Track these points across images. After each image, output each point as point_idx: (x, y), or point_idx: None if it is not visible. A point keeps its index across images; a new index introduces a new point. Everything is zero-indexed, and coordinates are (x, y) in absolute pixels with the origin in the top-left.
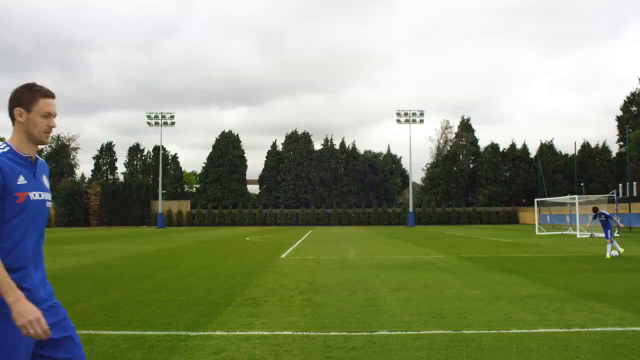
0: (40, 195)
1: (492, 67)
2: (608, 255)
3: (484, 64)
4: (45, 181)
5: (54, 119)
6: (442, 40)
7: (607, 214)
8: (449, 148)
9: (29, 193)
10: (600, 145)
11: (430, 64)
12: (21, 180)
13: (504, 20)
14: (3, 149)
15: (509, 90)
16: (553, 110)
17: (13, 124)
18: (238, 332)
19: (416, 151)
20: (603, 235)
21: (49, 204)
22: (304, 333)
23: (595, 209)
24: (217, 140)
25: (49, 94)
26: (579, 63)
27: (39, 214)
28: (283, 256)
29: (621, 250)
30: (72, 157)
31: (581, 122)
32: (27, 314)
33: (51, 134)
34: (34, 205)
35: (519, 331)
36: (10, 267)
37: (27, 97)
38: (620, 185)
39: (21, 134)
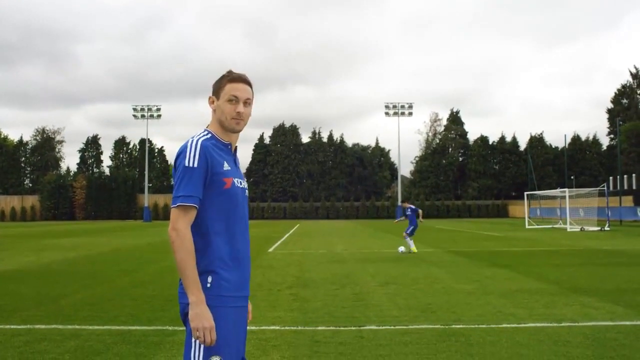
0: (241, 183)
1: (483, 59)
2: (406, 249)
3: (475, 57)
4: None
5: (242, 104)
6: (433, 32)
7: (414, 208)
8: (437, 141)
9: (234, 179)
10: (591, 138)
11: (420, 56)
12: (226, 166)
13: (496, 12)
14: (205, 135)
15: (499, 83)
16: (544, 103)
17: (213, 111)
18: None
19: (405, 144)
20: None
21: (247, 193)
22: (292, 328)
23: (402, 202)
24: None
25: (238, 79)
26: (571, 55)
27: (242, 202)
28: (270, 250)
29: (414, 249)
30: (57, 150)
31: (572, 115)
32: (204, 320)
33: (244, 121)
34: (238, 193)
35: (508, 325)
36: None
37: (217, 84)
38: (610, 178)
39: (216, 122)
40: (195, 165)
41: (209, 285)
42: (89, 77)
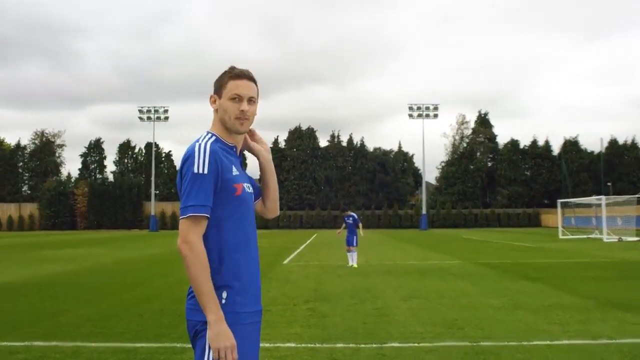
0: (249, 188)
1: (514, 56)
2: (352, 264)
3: (506, 53)
4: None
5: (245, 103)
6: (461, 27)
7: (356, 217)
8: (465, 145)
9: (243, 185)
10: (629, 141)
11: (446, 53)
12: (234, 171)
13: (529, 4)
14: (210, 138)
15: (531, 82)
16: (579, 103)
17: (215, 112)
18: None
19: (430, 148)
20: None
21: (254, 198)
22: (309, 345)
23: (344, 210)
24: None
25: (241, 75)
26: (610, 52)
27: (252, 209)
28: (285, 262)
29: (354, 265)
30: (57, 154)
31: (609, 117)
32: (225, 339)
33: (249, 121)
34: (249, 200)
35: (541, 343)
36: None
37: (218, 81)
38: None
39: (219, 123)
40: (206, 171)
41: (223, 301)
42: (92, 75)
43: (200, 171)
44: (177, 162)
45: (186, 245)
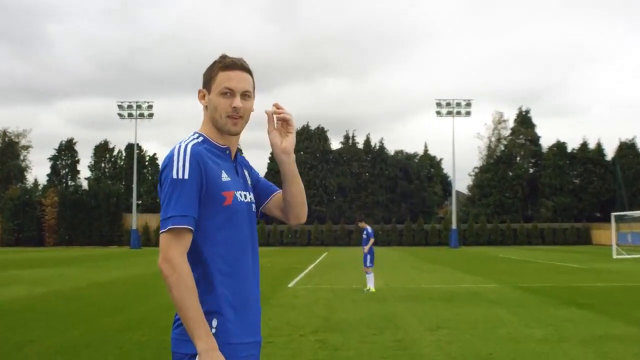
0: (246, 197)
1: (562, 44)
2: (369, 288)
3: (552, 41)
4: (248, 180)
5: (239, 98)
6: (498, 10)
7: (369, 230)
8: (502, 148)
9: (235, 193)
10: None
11: (481, 41)
12: (224, 176)
13: None
14: (196, 139)
15: (581, 75)
16: (638, 100)
17: (204, 109)
18: None
19: (461, 152)
20: None
21: (254, 208)
22: None
23: (360, 220)
24: None
25: (233, 65)
26: None
27: (249, 221)
28: (291, 285)
29: (371, 289)
30: (22, 157)
31: None
32: None
33: (244, 119)
34: (243, 209)
35: None
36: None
37: (207, 73)
38: None
39: (209, 122)
40: (186, 176)
41: (214, 330)
42: (64, 64)
43: (180, 176)
44: (160, 169)
45: (167, 264)
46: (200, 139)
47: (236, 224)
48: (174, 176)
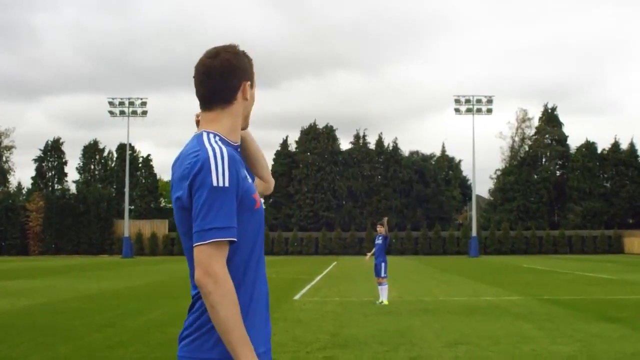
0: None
1: (592, 35)
2: (382, 301)
3: (582, 31)
4: None
5: None
6: None
7: (385, 236)
8: (527, 148)
9: (258, 196)
10: None
11: (505, 31)
12: (248, 178)
13: None
14: (218, 139)
15: (614, 68)
16: None
17: (225, 104)
18: None
19: (482, 152)
20: None
21: None
22: None
23: (380, 225)
24: None
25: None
26: None
27: (263, 227)
28: (297, 297)
29: (384, 301)
30: (4, 159)
31: None
32: None
33: None
34: (263, 215)
35: None
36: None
37: (249, 66)
38: None
39: (237, 118)
40: (227, 184)
41: None
42: (51, 58)
43: (221, 184)
44: (158, 169)
45: (210, 279)
46: (218, 137)
47: (260, 229)
48: (214, 183)
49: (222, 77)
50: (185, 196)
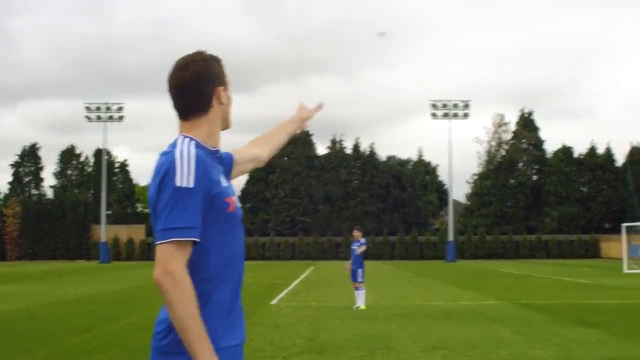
0: (239, 203)
1: (570, 39)
2: (358, 306)
3: (558, 37)
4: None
5: None
6: (504, 2)
7: (363, 242)
8: (503, 153)
9: (233, 199)
10: None
11: (482, 36)
12: (223, 181)
13: None
14: (190, 142)
15: (591, 74)
16: None
17: (201, 113)
18: None
19: (459, 157)
20: None
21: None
22: None
23: (356, 230)
24: None
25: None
26: None
27: (242, 229)
28: (274, 302)
29: (361, 306)
30: None
31: None
32: None
33: None
34: (239, 216)
35: None
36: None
37: (219, 69)
38: None
39: (214, 123)
40: (191, 184)
41: None
42: (27, 62)
43: (185, 184)
44: (135, 174)
45: (168, 277)
46: (194, 142)
47: (235, 230)
48: (178, 184)
49: (195, 88)
50: (153, 197)
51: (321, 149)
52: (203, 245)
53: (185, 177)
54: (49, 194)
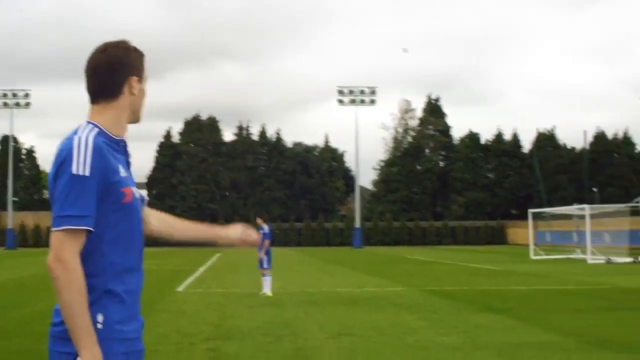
0: (139, 194)
1: (473, 27)
2: (265, 292)
3: (466, 21)
4: None
5: None
6: None
7: (267, 231)
8: (410, 139)
9: (132, 189)
10: (621, 135)
11: (388, 22)
12: (122, 171)
13: None
14: (93, 130)
15: (496, 60)
16: (557, 87)
17: (110, 98)
18: None
19: (365, 144)
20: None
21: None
22: None
23: (259, 217)
24: None
25: (144, 55)
26: (600, 22)
27: (141, 220)
28: (180, 289)
29: (268, 293)
30: None
31: (595, 104)
32: None
33: None
34: (138, 207)
35: None
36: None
37: (138, 61)
38: None
39: (123, 112)
40: (87, 172)
41: (100, 326)
42: None
43: (81, 172)
44: (42, 161)
45: (59, 264)
46: (97, 130)
47: (132, 220)
48: (74, 171)
49: (108, 72)
50: (51, 183)
51: (228, 135)
52: (98, 234)
53: (81, 165)
54: None
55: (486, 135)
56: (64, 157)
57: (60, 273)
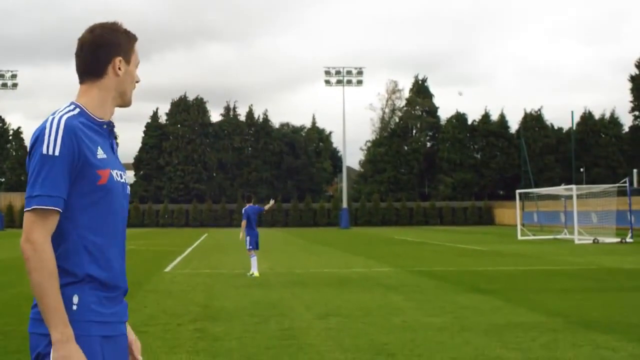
0: (121, 177)
1: (461, 7)
2: (252, 273)
3: (455, 3)
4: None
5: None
6: None
7: (257, 208)
8: (397, 120)
9: (111, 171)
10: (608, 116)
11: (376, 2)
12: (100, 153)
13: None
14: (72, 111)
15: (483, 40)
16: (544, 67)
17: (95, 77)
18: None
19: (352, 124)
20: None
21: (128, 190)
22: None
23: (247, 198)
24: None
25: (136, 38)
26: (588, 2)
27: (123, 202)
28: (167, 269)
29: (255, 273)
30: None
31: (583, 85)
32: None
33: None
34: (117, 190)
35: None
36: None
37: (125, 41)
38: (635, 171)
39: (108, 93)
40: (57, 152)
41: (75, 307)
42: None
43: (51, 152)
44: (29, 141)
45: (29, 245)
46: (77, 110)
47: (110, 204)
48: (44, 152)
49: (93, 51)
50: (27, 164)
51: (215, 115)
52: (73, 215)
53: (51, 145)
54: None
55: (473, 116)
56: (35, 138)
57: (30, 254)
